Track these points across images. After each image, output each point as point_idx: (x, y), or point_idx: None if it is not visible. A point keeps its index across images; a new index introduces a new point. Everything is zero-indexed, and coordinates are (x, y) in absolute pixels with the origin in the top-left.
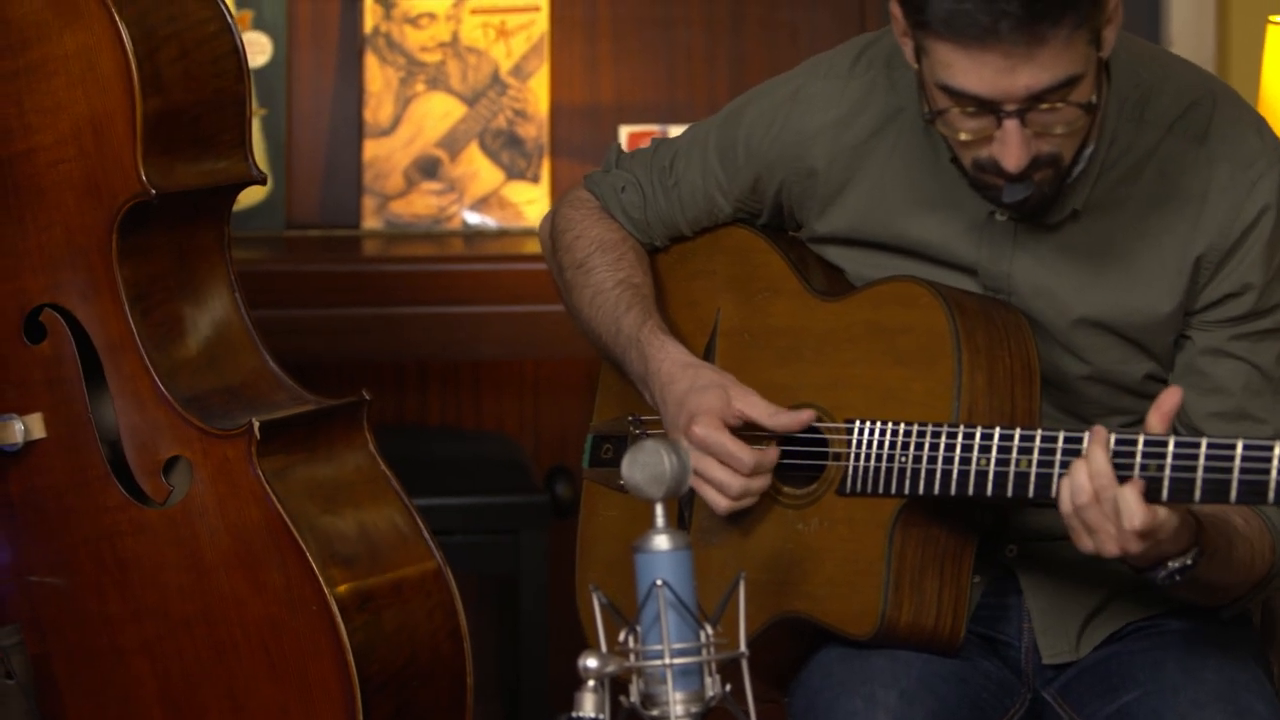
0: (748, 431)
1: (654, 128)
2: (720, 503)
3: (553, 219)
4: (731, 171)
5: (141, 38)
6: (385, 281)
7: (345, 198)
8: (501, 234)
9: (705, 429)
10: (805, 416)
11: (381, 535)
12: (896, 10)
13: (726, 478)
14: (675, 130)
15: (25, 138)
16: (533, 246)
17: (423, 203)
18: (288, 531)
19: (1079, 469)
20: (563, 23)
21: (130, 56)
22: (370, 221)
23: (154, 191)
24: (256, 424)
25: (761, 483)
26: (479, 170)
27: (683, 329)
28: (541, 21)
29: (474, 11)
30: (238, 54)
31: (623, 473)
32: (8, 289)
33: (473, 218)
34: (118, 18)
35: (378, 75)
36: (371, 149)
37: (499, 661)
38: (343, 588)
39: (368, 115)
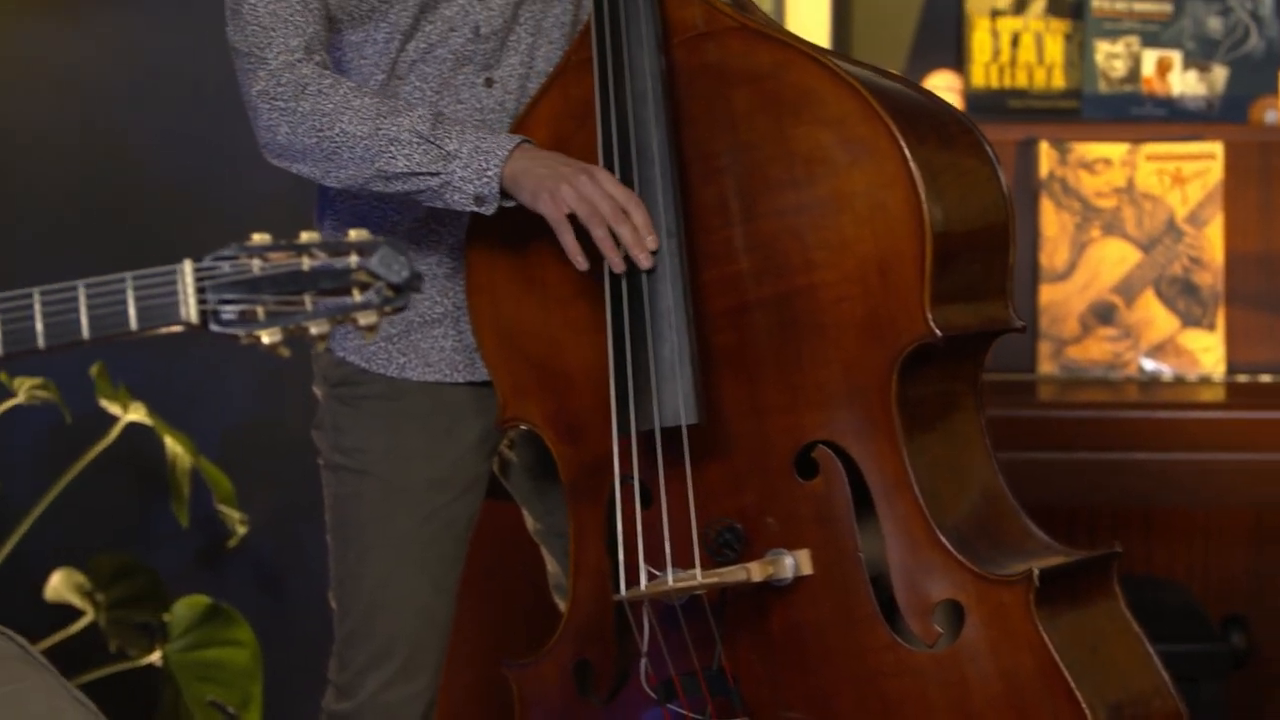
0: None
1: None
2: None
3: None
4: None
5: (929, 179)
6: (1063, 428)
7: (1021, 341)
8: (1177, 381)
9: None
10: None
11: (1139, 685)
12: None
13: None
14: None
15: (807, 273)
16: (1209, 395)
17: (1098, 349)
18: (1062, 679)
19: None
20: (1238, 170)
21: (923, 198)
22: (1045, 366)
23: (939, 334)
24: (1037, 571)
25: None
26: (1154, 317)
27: None
28: (1216, 169)
29: (1149, 158)
30: (1005, 201)
31: None
32: (782, 424)
33: (1148, 364)
34: (910, 159)
35: (1053, 220)
36: (1047, 294)
37: None
38: None
39: (1043, 259)
